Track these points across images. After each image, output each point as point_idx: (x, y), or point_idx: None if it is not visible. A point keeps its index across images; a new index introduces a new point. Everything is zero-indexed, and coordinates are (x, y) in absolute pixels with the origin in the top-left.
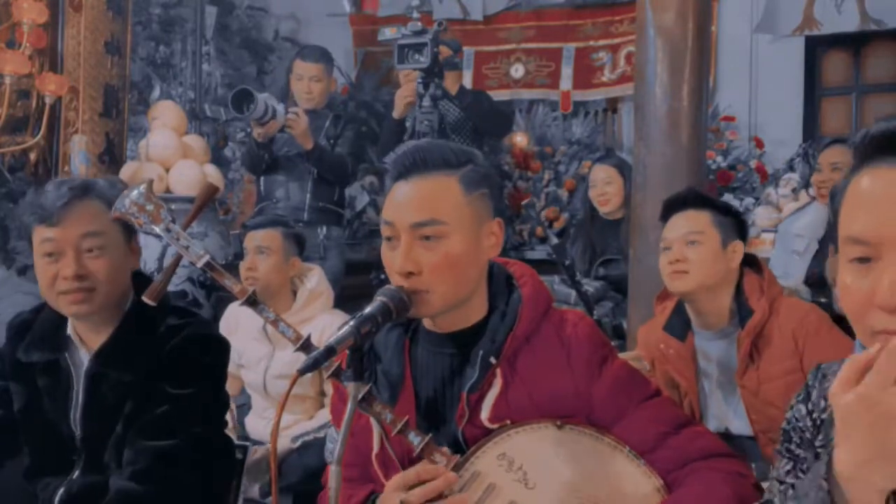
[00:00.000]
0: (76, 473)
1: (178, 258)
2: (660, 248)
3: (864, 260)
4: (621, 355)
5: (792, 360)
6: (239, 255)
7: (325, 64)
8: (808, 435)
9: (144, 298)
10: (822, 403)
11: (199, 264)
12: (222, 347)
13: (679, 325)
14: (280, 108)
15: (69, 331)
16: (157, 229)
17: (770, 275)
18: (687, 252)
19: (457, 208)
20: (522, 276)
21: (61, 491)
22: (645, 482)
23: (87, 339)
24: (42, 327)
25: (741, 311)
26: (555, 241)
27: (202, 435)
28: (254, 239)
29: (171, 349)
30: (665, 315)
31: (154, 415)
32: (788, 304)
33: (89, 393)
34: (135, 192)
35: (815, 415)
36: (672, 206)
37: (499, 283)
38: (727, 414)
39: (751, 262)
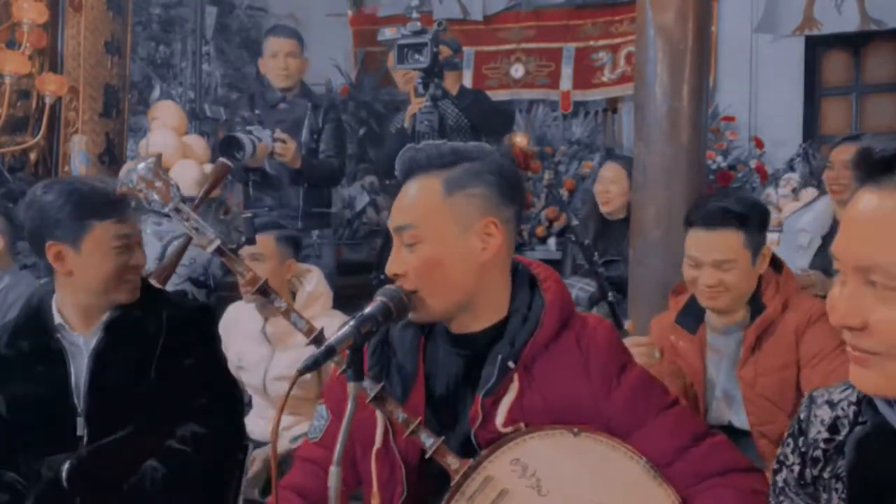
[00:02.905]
0: (83, 445)
1: (187, 241)
2: (684, 258)
3: (838, 272)
4: (633, 338)
5: (789, 355)
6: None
7: (297, 41)
8: (794, 474)
9: (151, 280)
10: (822, 433)
11: (210, 249)
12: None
13: (691, 319)
14: (266, 135)
15: (57, 319)
16: (166, 208)
17: (788, 272)
18: (721, 276)
19: (431, 211)
20: (547, 281)
21: (69, 463)
22: (661, 495)
23: (78, 324)
24: (23, 320)
25: (754, 305)
26: (575, 221)
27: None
28: (247, 246)
29: (182, 317)
30: (678, 308)
31: (191, 376)
32: (800, 300)
33: (96, 367)
34: (142, 166)
35: (809, 453)
36: (700, 221)
37: (522, 286)
38: (731, 407)
39: (771, 259)
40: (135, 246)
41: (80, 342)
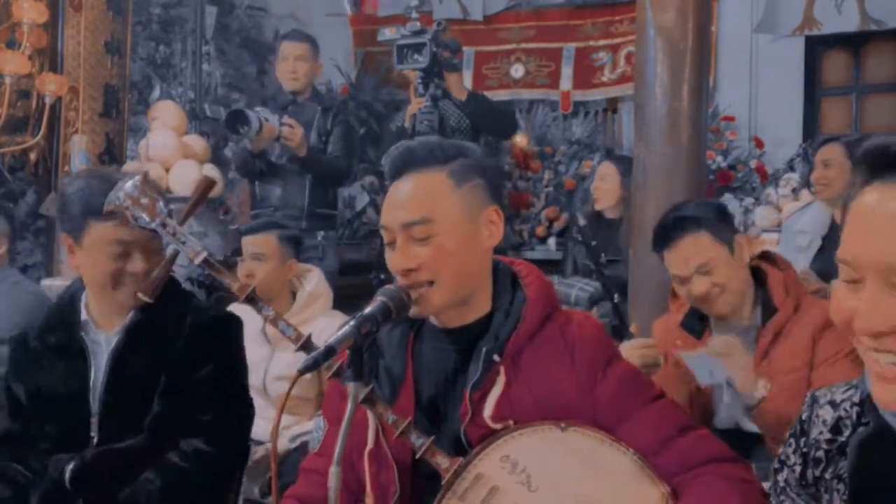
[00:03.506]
0: (92, 446)
1: (175, 254)
2: (670, 274)
3: (851, 282)
4: (638, 340)
5: (803, 356)
6: (237, 252)
7: (310, 45)
8: (795, 474)
9: (140, 295)
10: (824, 433)
11: (197, 261)
12: (241, 324)
13: (696, 323)
14: (273, 118)
15: (84, 315)
16: (153, 224)
17: (795, 274)
18: (709, 280)
19: (446, 204)
20: (528, 276)
21: (74, 464)
22: (650, 487)
23: (103, 323)
24: (54, 314)
25: (765, 308)
26: (582, 222)
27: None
28: (249, 245)
29: (204, 326)
30: (682, 312)
31: (202, 388)
32: (812, 303)
33: (113, 369)
34: (129, 184)
35: (811, 453)
36: (661, 243)
37: (503, 282)
38: (739, 410)
39: (774, 260)
40: (134, 252)
41: (102, 340)
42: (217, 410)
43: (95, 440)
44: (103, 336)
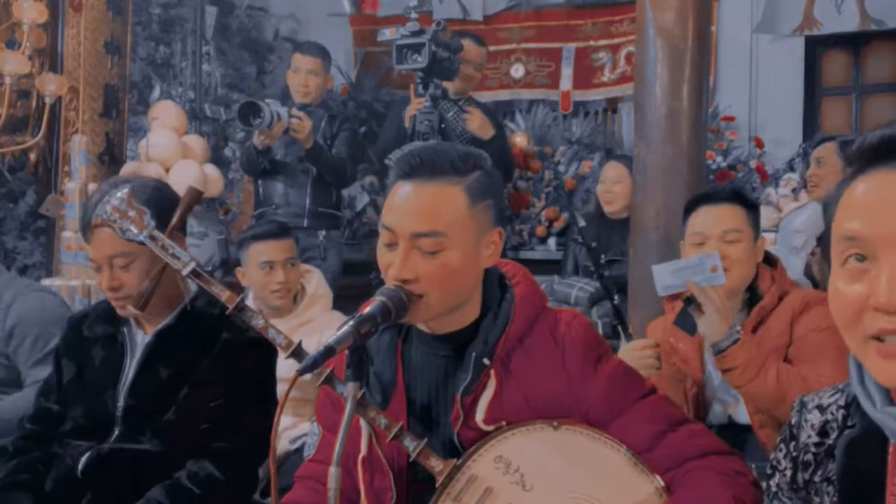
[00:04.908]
0: (110, 440)
1: (164, 265)
2: (687, 240)
3: (858, 258)
4: (639, 341)
5: (782, 338)
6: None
7: (323, 59)
8: (786, 478)
9: (129, 306)
10: (812, 437)
11: (185, 272)
12: (275, 352)
13: (689, 321)
14: (283, 111)
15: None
16: (141, 237)
17: (782, 268)
18: (728, 250)
19: (459, 220)
20: (515, 276)
21: (89, 454)
22: (644, 483)
23: (143, 322)
24: (104, 306)
25: (751, 297)
26: (582, 223)
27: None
28: (280, 251)
29: (237, 347)
30: (675, 312)
31: (222, 412)
32: (796, 292)
33: (142, 368)
34: (116, 198)
35: (800, 457)
36: (705, 199)
37: (492, 284)
38: (731, 402)
39: (766, 259)
40: (104, 268)
41: (139, 340)
42: (236, 440)
43: (116, 433)
44: (140, 336)
